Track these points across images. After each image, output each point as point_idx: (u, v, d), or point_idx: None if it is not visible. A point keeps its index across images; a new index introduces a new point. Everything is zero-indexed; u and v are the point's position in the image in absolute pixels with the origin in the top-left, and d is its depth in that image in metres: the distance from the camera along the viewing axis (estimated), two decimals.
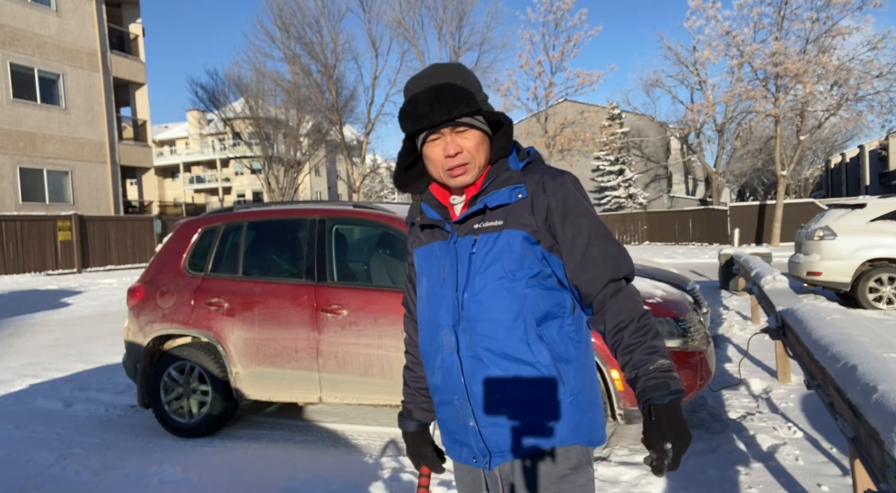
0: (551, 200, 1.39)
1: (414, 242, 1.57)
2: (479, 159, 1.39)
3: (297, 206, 4.45)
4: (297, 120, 30.00)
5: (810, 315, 3.40)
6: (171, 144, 59.22)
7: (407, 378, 1.67)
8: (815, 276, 8.86)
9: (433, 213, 1.48)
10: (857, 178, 61.63)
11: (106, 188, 22.86)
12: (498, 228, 1.38)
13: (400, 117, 1.36)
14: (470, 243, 1.41)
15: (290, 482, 3.42)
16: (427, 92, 1.33)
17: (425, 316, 1.50)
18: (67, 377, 5.94)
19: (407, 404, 1.66)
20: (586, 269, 1.38)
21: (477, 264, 1.39)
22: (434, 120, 1.32)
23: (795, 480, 3.18)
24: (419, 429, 1.63)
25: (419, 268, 1.54)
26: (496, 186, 1.40)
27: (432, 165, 1.40)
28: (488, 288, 1.38)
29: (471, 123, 1.36)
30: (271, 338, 4.08)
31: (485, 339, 1.38)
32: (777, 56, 22.01)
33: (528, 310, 1.37)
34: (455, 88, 1.32)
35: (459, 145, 1.36)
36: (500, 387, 1.38)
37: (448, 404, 1.46)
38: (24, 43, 20.13)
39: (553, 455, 1.39)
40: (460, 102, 1.31)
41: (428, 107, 1.32)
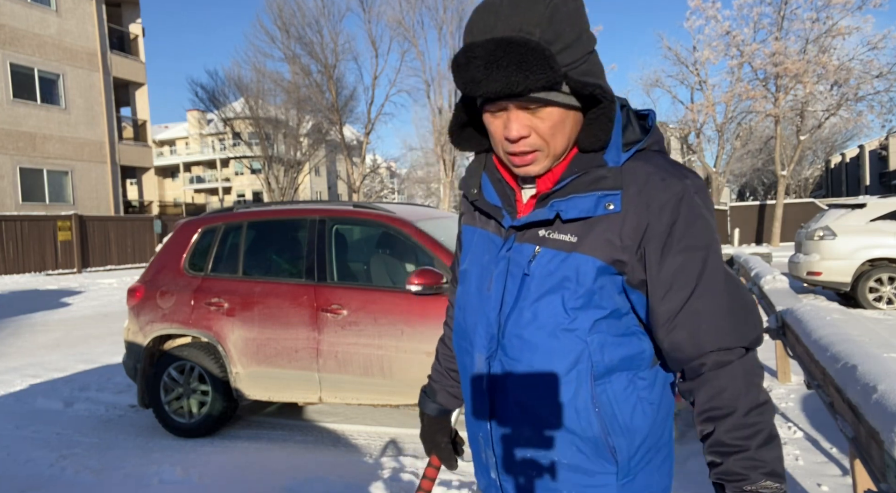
0: (653, 221, 0.97)
1: (465, 215, 1.23)
2: (556, 145, 0.99)
3: (297, 206, 4.45)
4: (297, 120, 30.01)
5: (810, 315, 3.40)
6: (171, 144, 59.23)
7: (440, 354, 1.39)
8: (815, 276, 8.86)
9: (493, 194, 1.11)
10: (857, 178, 61.64)
11: (106, 188, 22.86)
12: (569, 247, 1.01)
13: (452, 68, 0.96)
14: (528, 256, 1.04)
15: (290, 481, 3.42)
16: (486, 47, 0.91)
17: (460, 323, 1.19)
18: (67, 377, 5.94)
19: (433, 383, 1.39)
20: (680, 328, 0.98)
21: (530, 288, 1.04)
22: (489, 91, 0.92)
23: (795, 480, 3.18)
24: (439, 414, 1.37)
25: (464, 253, 1.21)
26: (579, 188, 1.00)
27: (492, 140, 1.04)
28: (539, 323, 1.03)
29: (545, 98, 0.94)
30: (271, 338, 4.08)
31: (522, 388, 1.05)
32: (777, 56, 22.02)
33: (587, 361, 1.01)
34: (526, 48, 0.89)
35: (527, 125, 0.97)
36: (530, 453, 1.07)
37: (475, 435, 1.18)
38: (24, 43, 20.13)
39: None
40: (530, 71, 0.89)
41: (483, 71, 0.91)
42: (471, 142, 1.15)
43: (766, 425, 0.95)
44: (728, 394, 0.95)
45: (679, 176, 0.99)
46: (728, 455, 0.95)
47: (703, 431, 0.99)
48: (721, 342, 0.96)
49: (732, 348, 0.97)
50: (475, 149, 1.16)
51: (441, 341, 1.40)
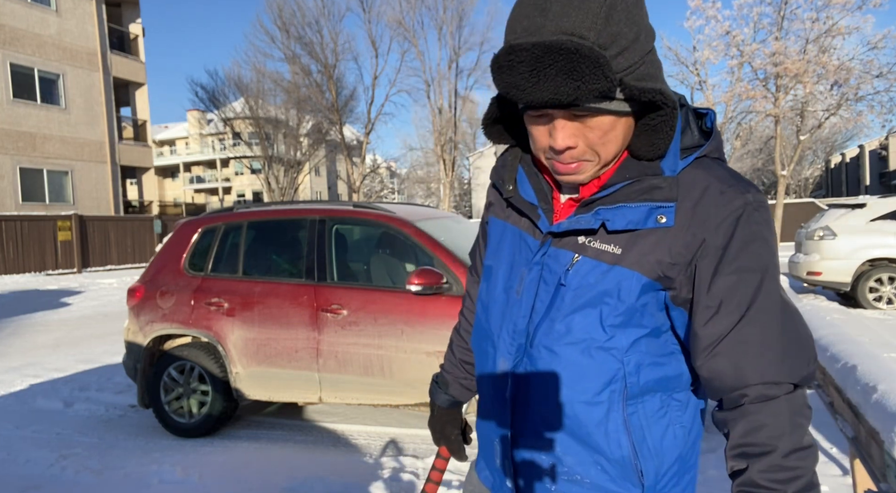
0: (709, 237, 0.88)
1: (494, 206, 1.14)
2: (606, 153, 0.90)
3: (297, 206, 4.45)
4: (297, 120, 30.01)
5: (810, 315, 3.40)
6: (171, 144, 59.24)
7: (454, 344, 1.33)
8: (815, 276, 8.86)
9: (529, 190, 1.02)
10: (857, 178, 61.64)
11: (106, 188, 22.86)
12: (612, 259, 0.92)
13: (493, 69, 0.86)
14: (565, 264, 0.96)
15: (290, 481, 3.42)
16: (532, 52, 0.81)
17: (482, 323, 1.10)
18: (67, 377, 5.94)
19: (445, 374, 1.34)
20: (724, 356, 0.88)
21: (566, 299, 0.95)
22: (535, 100, 0.83)
23: None
24: (450, 406, 1.33)
25: (491, 247, 1.12)
26: (630, 197, 0.91)
27: (532, 143, 0.94)
28: (572, 338, 0.95)
29: (597, 108, 0.85)
30: (271, 338, 4.08)
31: (548, 404, 0.98)
32: (777, 56, 22.02)
33: (622, 382, 0.94)
34: (578, 55, 0.79)
35: (574, 136, 0.88)
36: (554, 470, 1.01)
37: (489, 437, 1.12)
38: (24, 43, 20.13)
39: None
40: (582, 80, 0.80)
41: (529, 79, 0.82)
42: (505, 135, 1.05)
43: (806, 471, 0.85)
44: (768, 431, 0.86)
45: (741, 190, 0.90)
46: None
47: (733, 467, 0.89)
48: (768, 376, 0.87)
49: (780, 383, 0.87)
50: (510, 142, 1.06)
51: (456, 331, 1.33)
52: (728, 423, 0.90)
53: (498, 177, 1.09)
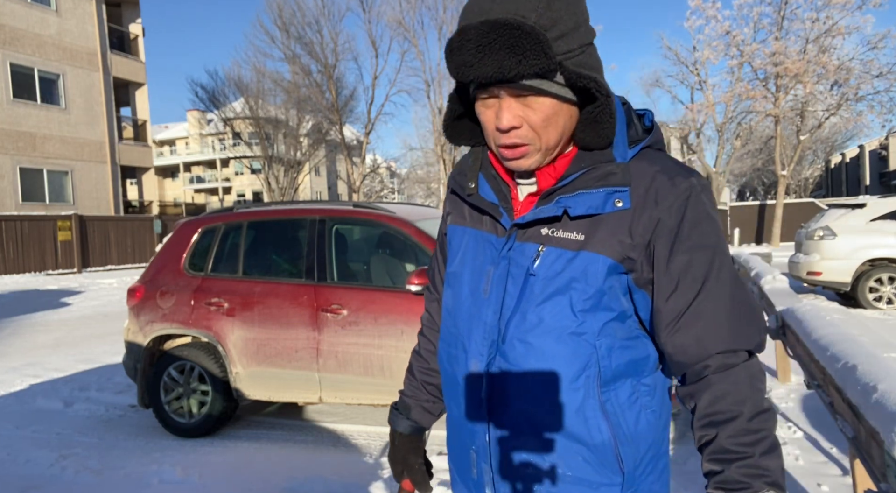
0: (664, 217, 0.94)
1: (453, 215, 1.15)
2: (548, 139, 0.94)
3: (296, 206, 4.45)
4: (297, 120, 30.02)
5: (810, 315, 3.40)
6: (171, 144, 59.24)
7: (415, 367, 1.29)
8: (815, 276, 8.86)
9: (489, 191, 1.05)
10: (857, 178, 61.64)
11: (106, 188, 22.86)
12: (576, 246, 0.96)
13: (445, 52, 0.92)
14: (531, 256, 0.99)
15: (290, 481, 3.42)
16: (479, 30, 0.87)
17: (450, 328, 1.11)
18: (67, 377, 5.94)
19: (406, 398, 1.29)
20: (685, 329, 0.94)
21: (535, 290, 0.98)
22: (480, 75, 0.88)
23: (795, 480, 3.18)
24: (412, 432, 1.27)
25: (453, 255, 1.13)
26: (587, 184, 0.96)
27: (484, 131, 0.99)
28: (544, 327, 0.97)
29: (539, 87, 0.90)
30: (271, 338, 4.09)
31: (526, 396, 0.99)
32: (777, 56, 22.02)
33: (596, 366, 0.97)
34: (520, 32, 0.85)
35: (518, 116, 0.92)
36: (533, 465, 1.01)
37: (464, 448, 1.11)
38: (24, 43, 20.13)
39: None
40: (524, 56, 0.85)
41: (475, 55, 0.87)
42: (464, 135, 1.09)
43: (769, 432, 0.91)
44: (732, 398, 0.91)
45: (686, 174, 0.97)
46: (730, 462, 0.90)
47: (703, 437, 0.94)
48: (726, 345, 0.93)
49: (737, 350, 0.94)
50: (469, 142, 1.10)
51: (415, 353, 1.31)
52: (694, 396, 0.96)
53: (456, 182, 1.12)
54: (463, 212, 1.12)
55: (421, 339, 1.31)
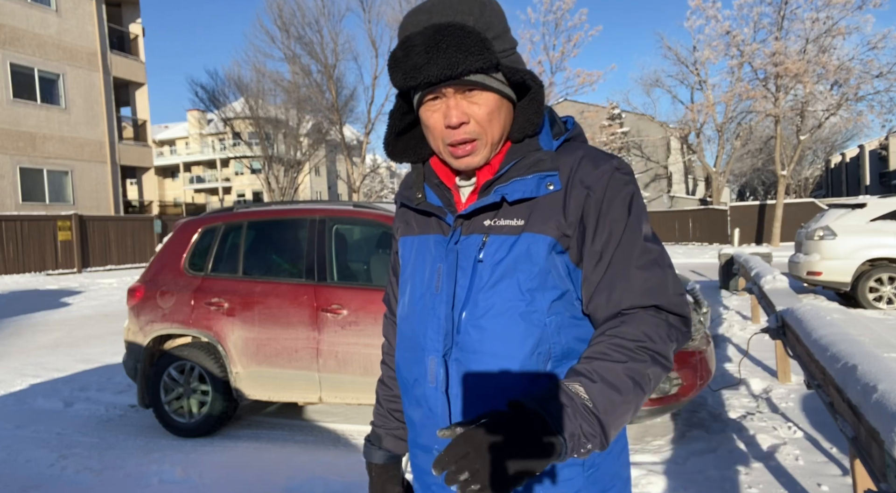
0: (590, 194, 1.02)
1: (401, 228, 1.22)
2: (493, 133, 1.03)
3: (297, 206, 4.45)
4: (297, 120, 30.01)
5: (810, 315, 3.40)
6: (171, 143, 59.25)
7: (381, 397, 1.33)
8: (815, 276, 8.86)
9: (434, 197, 1.12)
10: (857, 178, 61.64)
11: (106, 188, 22.86)
12: (517, 230, 1.03)
13: (389, 66, 1.00)
14: (476, 246, 1.05)
15: (290, 481, 3.42)
16: (424, 34, 0.95)
17: (406, 333, 1.14)
18: (67, 377, 5.94)
19: (377, 429, 1.32)
20: (605, 291, 1.01)
21: (483, 276, 1.04)
22: (430, 75, 0.95)
23: (795, 480, 3.18)
24: (388, 462, 1.30)
25: (404, 265, 1.19)
26: (520, 172, 1.04)
27: (430, 136, 1.05)
28: (496, 310, 1.02)
29: (483, 82, 0.99)
30: (271, 338, 4.09)
31: (484, 379, 1.03)
32: (777, 56, 22.02)
33: (547, 343, 1.02)
34: (464, 31, 0.94)
35: (465, 112, 1.00)
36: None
37: (426, 451, 1.13)
38: (24, 43, 20.13)
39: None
40: (469, 52, 0.94)
41: (424, 56, 0.95)
42: (406, 153, 1.16)
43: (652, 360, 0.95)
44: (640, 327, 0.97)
45: (607, 158, 1.06)
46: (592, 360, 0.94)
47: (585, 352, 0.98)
48: (646, 300, 1.00)
49: (646, 306, 1.00)
50: (411, 159, 1.17)
51: (380, 383, 1.33)
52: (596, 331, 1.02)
53: (404, 196, 1.18)
54: (410, 222, 1.19)
55: (383, 367, 1.34)
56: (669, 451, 3.70)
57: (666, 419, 4.26)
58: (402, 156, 1.16)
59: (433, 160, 1.15)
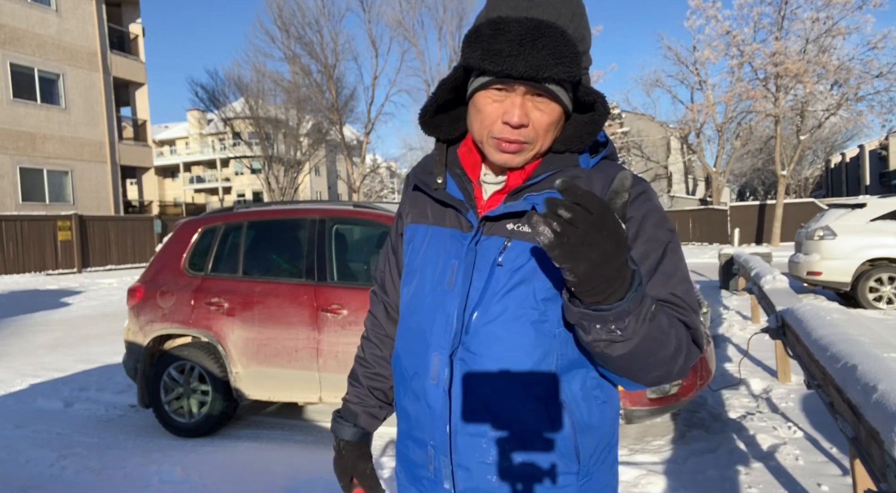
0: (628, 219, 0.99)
1: (412, 214, 1.18)
2: (544, 143, 1.00)
3: (297, 206, 4.45)
4: (297, 120, 30.02)
5: (810, 315, 3.40)
6: (171, 143, 59.24)
7: (360, 374, 1.30)
8: (815, 276, 8.86)
9: (455, 188, 1.09)
10: (857, 178, 61.64)
11: (106, 188, 22.86)
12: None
13: (469, 39, 0.93)
14: (497, 249, 1.02)
15: (290, 481, 3.42)
16: (524, 24, 0.89)
17: (411, 325, 1.12)
18: (67, 377, 5.94)
19: (351, 404, 1.29)
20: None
21: (500, 280, 1.01)
22: (515, 69, 0.90)
23: (795, 480, 3.18)
24: (360, 439, 1.28)
25: (414, 254, 1.15)
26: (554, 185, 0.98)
27: (479, 122, 1.00)
28: (508, 316, 1.00)
29: (557, 93, 0.95)
30: (271, 338, 4.09)
31: (488, 382, 1.02)
32: (777, 56, 22.02)
33: (555, 354, 1.00)
34: (564, 37, 0.89)
35: (528, 116, 0.96)
36: (499, 451, 1.03)
37: (420, 445, 1.11)
38: (24, 43, 20.13)
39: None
40: (561, 61, 0.89)
41: (516, 46, 0.89)
42: (440, 128, 1.12)
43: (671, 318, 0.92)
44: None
45: (637, 180, 1.04)
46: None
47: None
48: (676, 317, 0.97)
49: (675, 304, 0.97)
50: (444, 136, 1.13)
51: (360, 359, 1.31)
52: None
53: (420, 179, 1.13)
54: (425, 210, 1.14)
55: (366, 343, 1.31)
56: (669, 451, 3.70)
57: (666, 419, 4.26)
58: (434, 130, 1.12)
59: (460, 149, 1.11)
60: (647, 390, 3.47)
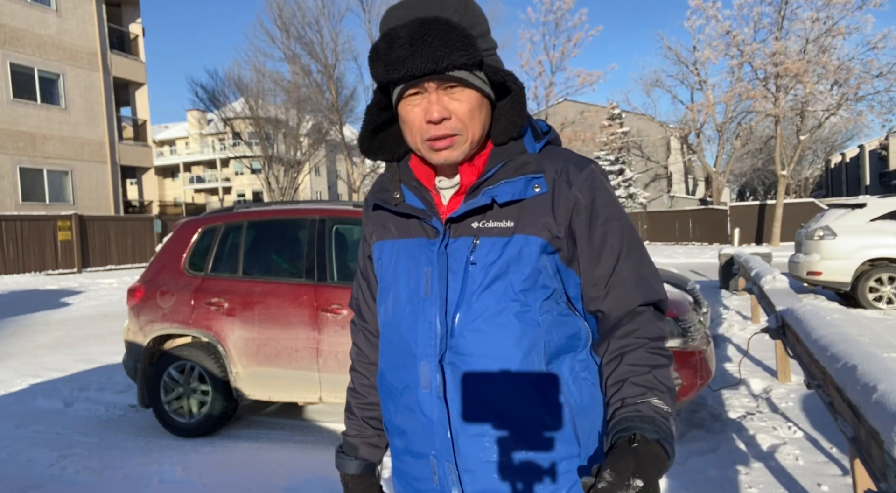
0: (579, 196, 1.04)
1: (376, 232, 1.19)
2: (473, 131, 1.02)
3: (296, 206, 4.45)
4: (297, 120, 30.00)
5: (810, 315, 3.40)
6: (171, 143, 59.24)
7: (354, 406, 1.28)
8: (815, 276, 8.86)
9: (414, 198, 1.10)
10: (857, 178, 61.64)
11: (106, 188, 22.86)
12: (508, 232, 1.03)
13: (370, 59, 0.97)
14: (467, 249, 1.04)
15: (290, 481, 3.42)
16: (409, 27, 0.94)
17: (393, 340, 1.12)
18: (67, 377, 5.94)
19: (350, 439, 1.27)
20: (612, 291, 1.05)
21: (476, 279, 1.03)
22: (415, 68, 0.94)
23: (795, 480, 3.18)
24: (364, 471, 1.26)
25: (384, 270, 1.16)
26: (507, 175, 1.04)
27: (409, 132, 1.03)
28: (491, 312, 1.02)
29: (466, 79, 0.98)
30: (271, 338, 4.09)
31: (483, 381, 1.03)
32: (777, 56, 22.02)
33: (542, 342, 1.03)
34: (449, 26, 0.94)
35: (447, 108, 0.99)
36: (502, 448, 1.04)
37: (420, 458, 1.10)
38: (24, 43, 20.13)
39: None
40: (454, 47, 0.93)
41: (408, 48, 0.93)
42: (382, 151, 1.14)
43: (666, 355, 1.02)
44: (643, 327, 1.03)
45: (587, 162, 1.08)
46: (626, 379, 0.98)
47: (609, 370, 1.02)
48: (645, 299, 1.04)
49: (649, 303, 1.05)
50: (386, 157, 1.15)
51: (351, 391, 1.30)
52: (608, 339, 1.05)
53: (379, 198, 1.15)
54: (388, 227, 1.16)
55: (353, 375, 1.30)
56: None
57: None
58: (377, 153, 1.14)
59: (412, 162, 1.13)
60: None
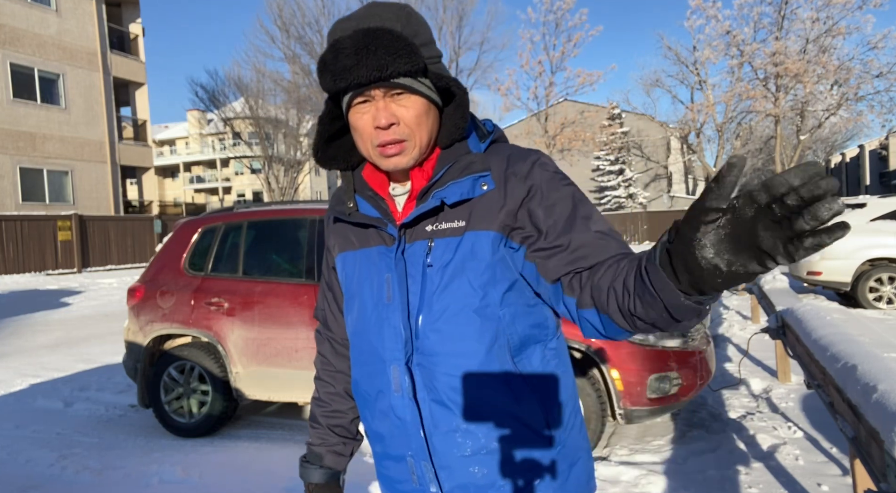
0: (529, 183, 1.06)
1: (339, 244, 1.21)
2: (421, 136, 1.05)
3: (297, 206, 4.45)
4: (297, 120, 30.00)
5: (810, 315, 3.40)
6: (171, 143, 59.25)
7: (318, 415, 1.31)
8: (815, 276, 8.86)
9: (369, 208, 1.13)
10: (857, 178, 61.67)
11: (106, 188, 22.86)
12: (459, 231, 1.06)
13: (318, 70, 1.01)
14: (423, 252, 1.07)
15: (291, 481, 3.42)
16: (354, 37, 0.98)
17: (362, 347, 1.15)
18: (67, 377, 5.94)
19: (314, 447, 1.30)
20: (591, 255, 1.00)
21: (434, 280, 1.06)
22: (360, 76, 0.97)
23: (795, 480, 3.18)
24: (329, 480, 1.27)
25: (349, 281, 1.19)
26: (455, 175, 1.07)
27: (360, 139, 1.06)
28: (451, 310, 1.05)
29: (411, 85, 1.01)
30: (271, 338, 4.09)
31: (450, 379, 1.06)
32: (777, 56, 22.03)
33: (504, 335, 1.06)
34: (392, 36, 0.97)
35: (394, 114, 1.02)
36: (475, 442, 1.07)
37: (398, 460, 1.14)
38: (24, 43, 20.13)
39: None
40: (398, 55, 0.97)
41: (353, 58, 0.97)
42: (336, 160, 1.18)
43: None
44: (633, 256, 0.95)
45: (529, 151, 1.11)
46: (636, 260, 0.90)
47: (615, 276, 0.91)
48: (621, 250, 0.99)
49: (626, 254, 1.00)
50: (341, 166, 1.19)
51: (315, 400, 1.32)
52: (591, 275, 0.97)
53: (336, 211, 1.17)
54: (349, 238, 1.18)
55: (318, 383, 1.33)
56: (669, 451, 3.70)
57: (666, 419, 4.27)
58: (331, 163, 1.18)
59: (365, 172, 1.16)
60: (646, 391, 3.47)
